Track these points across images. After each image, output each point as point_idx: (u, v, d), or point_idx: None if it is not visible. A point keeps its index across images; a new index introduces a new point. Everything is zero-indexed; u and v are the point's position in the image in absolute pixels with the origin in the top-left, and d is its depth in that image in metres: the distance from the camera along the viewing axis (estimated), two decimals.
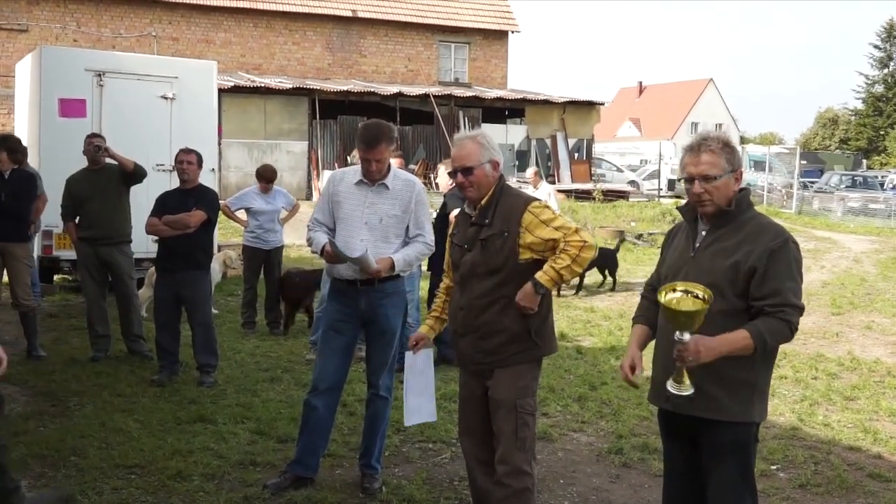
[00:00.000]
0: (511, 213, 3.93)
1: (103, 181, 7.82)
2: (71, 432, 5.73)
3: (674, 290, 3.24)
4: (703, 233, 3.52)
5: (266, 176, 9.51)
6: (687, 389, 3.27)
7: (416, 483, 5.08)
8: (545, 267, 3.88)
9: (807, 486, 5.31)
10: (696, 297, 3.19)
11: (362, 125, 4.84)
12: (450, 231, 4.31)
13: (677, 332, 3.22)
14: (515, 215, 3.92)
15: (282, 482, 4.91)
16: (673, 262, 3.62)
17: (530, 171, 10.11)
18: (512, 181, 23.48)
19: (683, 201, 3.68)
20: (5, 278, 8.08)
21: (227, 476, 5.09)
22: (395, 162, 5.20)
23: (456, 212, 5.26)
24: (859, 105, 61.27)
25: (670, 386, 3.29)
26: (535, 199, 4.03)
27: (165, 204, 7.21)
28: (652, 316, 3.68)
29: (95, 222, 7.79)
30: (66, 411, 6.27)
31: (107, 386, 6.92)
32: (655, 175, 33.46)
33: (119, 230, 7.90)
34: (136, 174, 7.84)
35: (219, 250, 11.13)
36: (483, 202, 4.02)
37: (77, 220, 7.91)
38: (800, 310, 3.33)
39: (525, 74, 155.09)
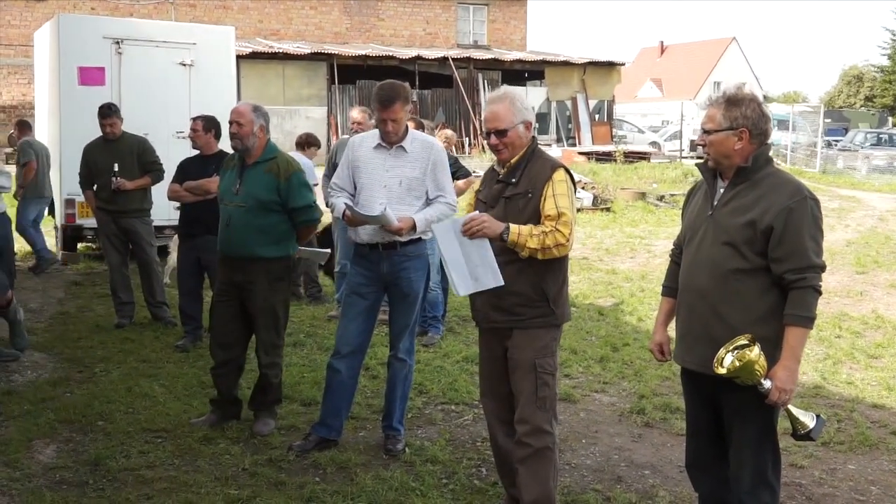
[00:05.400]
0: (539, 175, 3.91)
1: (121, 153, 7.80)
2: (98, 398, 5.80)
3: (721, 363, 3.30)
4: (721, 190, 3.50)
5: (310, 142, 9.47)
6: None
7: (439, 444, 5.12)
8: (524, 229, 3.80)
9: (830, 444, 5.31)
10: (741, 347, 3.26)
11: (378, 85, 4.84)
12: (476, 188, 4.30)
13: (758, 385, 3.29)
14: (542, 178, 3.90)
15: (306, 444, 4.97)
16: (692, 220, 3.62)
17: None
18: None
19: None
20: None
21: (253, 439, 5.15)
22: (410, 125, 5.17)
23: None
24: (885, 61, 60.20)
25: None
26: (563, 166, 3.99)
27: (186, 170, 7.22)
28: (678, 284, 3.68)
29: (113, 196, 7.78)
30: (93, 377, 6.35)
31: (132, 352, 7.00)
32: (677, 136, 33.16)
33: (137, 204, 7.90)
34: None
35: None
36: (513, 161, 3.99)
37: (95, 189, 7.94)
38: (821, 269, 3.32)
39: (544, 36, 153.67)
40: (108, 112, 7.80)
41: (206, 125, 7.13)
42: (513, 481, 4.09)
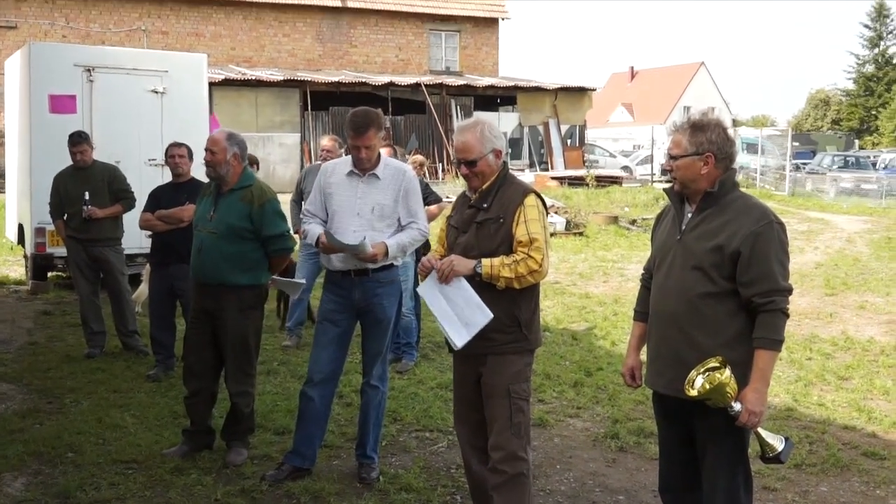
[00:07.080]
0: (511, 200, 3.94)
1: (92, 181, 7.74)
2: (67, 429, 5.72)
3: (692, 385, 3.33)
4: (689, 215, 3.54)
5: (249, 161, 9.47)
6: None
7: (414, 472, 5.10)
8: (495, 261, 3.85)
9: (802, 466, 5.34)
10: (712, 369, 3.29)
11: (351, 112, 4.84)
12: (448, 214, 4.32)
13: (728, 408, 3.32)
14: (514, 203, 3.93)
15: (279, 474, 4.93)
16: (661, 244, 3.66)
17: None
18: None
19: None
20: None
21: (225, 469, 5.10)
22: (384, 151, 5.20)
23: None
24: (850, 85, 61.30)
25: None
26: (534, 191, 4.02)
27: (158, 198, 7.19)
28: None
29: (84, 224, 7.71)
30: (63, 408, 6.26)
31: (102, 382, 6.92)
32: (648, 160, 33.47)
33: (108, 233, 7.85)
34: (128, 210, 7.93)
35: None
36: (484, 187, 4.02)
37: (65, 218, 7.88)
38: (788, 292, 3.36)
39: (516, 62, 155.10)
40: (77, 140, 7.76)
41: (190, 152, 7.19)
42: None
